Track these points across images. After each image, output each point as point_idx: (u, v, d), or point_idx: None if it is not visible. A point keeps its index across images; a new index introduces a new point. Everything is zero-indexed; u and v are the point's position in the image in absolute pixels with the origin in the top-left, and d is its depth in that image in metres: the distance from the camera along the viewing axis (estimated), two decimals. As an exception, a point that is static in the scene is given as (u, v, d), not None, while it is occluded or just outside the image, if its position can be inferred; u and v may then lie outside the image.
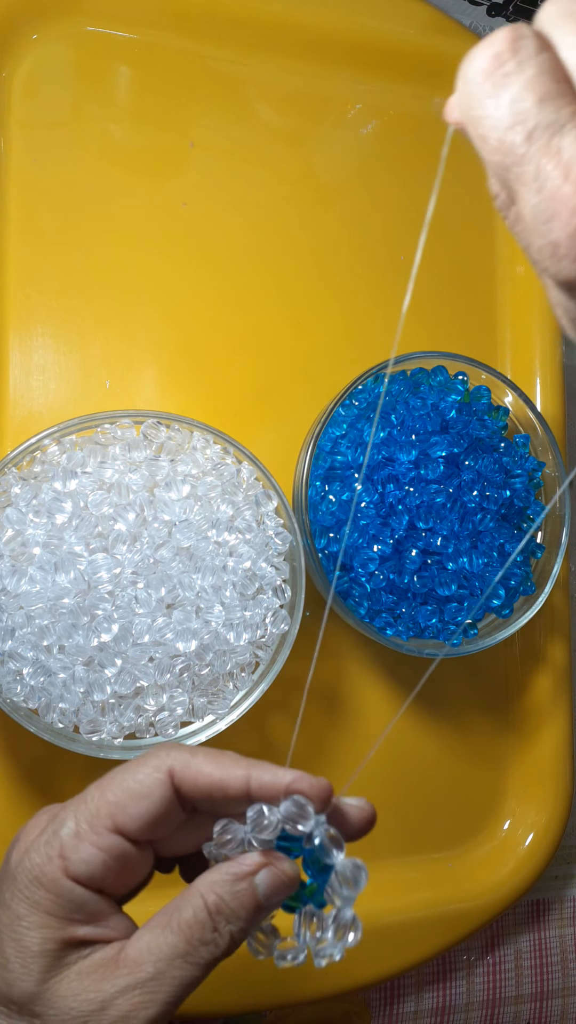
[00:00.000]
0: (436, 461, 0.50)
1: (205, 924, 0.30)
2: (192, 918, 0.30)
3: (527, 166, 0.22)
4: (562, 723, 0.60)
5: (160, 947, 0.30)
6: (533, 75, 0.23)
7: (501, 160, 0.23)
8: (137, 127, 0.55)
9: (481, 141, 0.24)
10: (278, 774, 0.32)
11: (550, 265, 0.23)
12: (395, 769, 0.57)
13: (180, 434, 0.48)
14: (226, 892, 0.31)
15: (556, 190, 0.22)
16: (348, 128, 0.59)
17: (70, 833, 0.30)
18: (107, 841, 0.30)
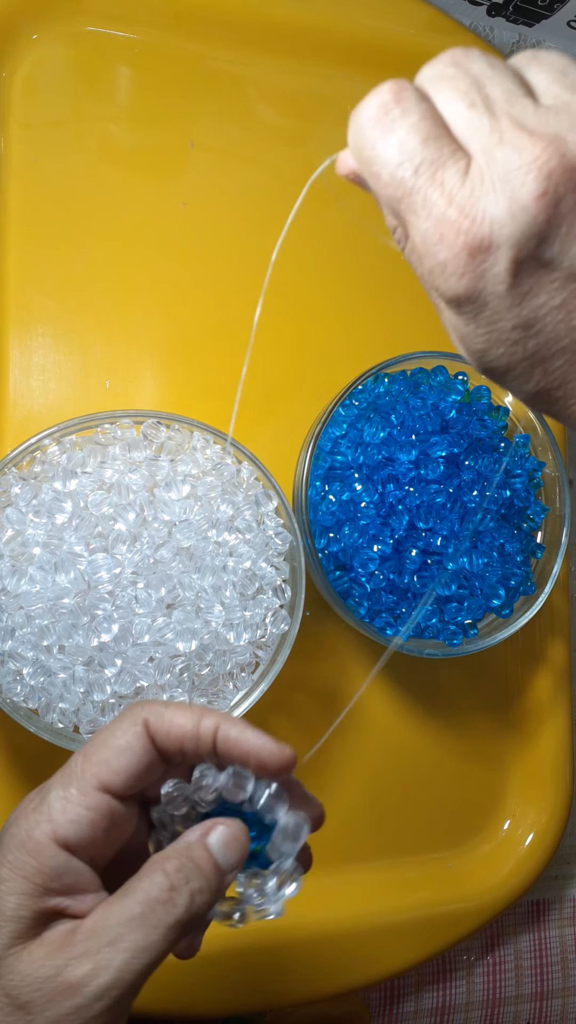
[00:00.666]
0: (436, 461, 0.50)
1: (161, 884, 0.30)
2: (149, 882, 0.30)
3: (416, 196, 0.26)
4: (562, 723, 0.60)
5: (116, 913, 0.30)
6: (416, 120, 0.27)
7: (393, 193, 0.26)
8: (137, 127, 0.55)
9: (374, 179, 0.27)
10: (245, 732, 0.32)
11: (440, 283, 0.27)
12: (395, 769, 0.57)
13: (180, 434, 0.48)
14: (182, 855, 0.31)
15: (442, 215, 0.25)
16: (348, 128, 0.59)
17: (57, 795, 0.31)
18: (94, 800, 0.31)
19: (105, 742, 0.32)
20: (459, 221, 0.25)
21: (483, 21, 0.63)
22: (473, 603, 0.51)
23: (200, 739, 0.32)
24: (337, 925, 0.54)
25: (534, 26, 0.64)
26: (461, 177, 0.25)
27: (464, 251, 0.25)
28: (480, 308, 0.27)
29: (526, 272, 0.26)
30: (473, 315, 0.27)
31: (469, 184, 0.25)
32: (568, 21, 0.63)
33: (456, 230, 0.25)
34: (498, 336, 0.27)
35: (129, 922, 0.29)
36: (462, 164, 0.26)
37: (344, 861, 0.55)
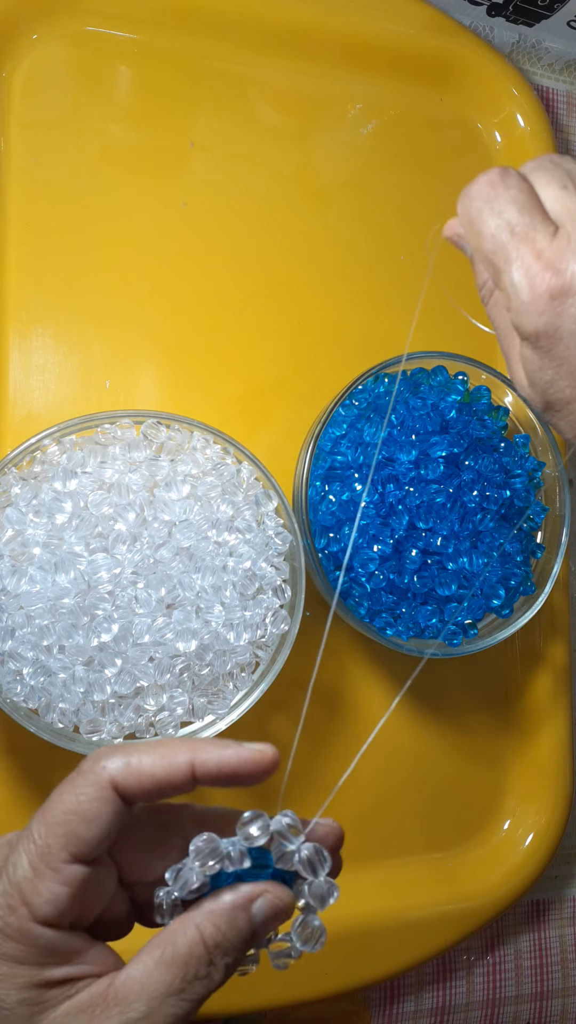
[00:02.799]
0: (436, 461, 0.50)
1: (201, 959, 0.29)
2: (187, 953, 0.29)
3: (511, 251, 0.33)
4: (562, 723, 0.60)
5: (152, 983, 0.29)
6: (516, 194, 0.33)
7: (492, 248, 0.33)
8: (137, 127, 0.55)
9: (477, 237, 0.34)
10: (222, 753, 0.30)
11: (523, 320, 0.33)
12: (395, 769, 0.57)
13: (180, 434, 0.48)
14: (223, 922, 0.30)
15: (530, 265, 0.32)
16: (348, 128, 0.59)
17: (26, 876, 0.28)
18: (67, 874, 0.28)
19: (69, 809, 0.29)
20: (544, 271, 0.32)
21: (483, 21, 0.63)
22: (473, 603, 0.51)
23: (175, 781, 0.30)
24: (337, 925, 0.54)
25: (534, 26, 0.64)
26: (550, 239, 0.32)
27: (547, 293, 0.32)
28: (554, 344, 0.33)
29: None
30: (547, 350, 0.33)
31: (556, 244, 0.32)
32: (568, 21, 0.63)
33: (542, 278, 0.32)
34: (566, 369, 0.33)
35: (167, 996, 0.29)
36: (551, 230, 0.32)
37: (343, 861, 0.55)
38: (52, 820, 0.29)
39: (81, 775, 0.30)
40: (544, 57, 0.66)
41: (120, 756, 0.30)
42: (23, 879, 0.28)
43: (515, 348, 0.35)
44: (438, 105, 0.61)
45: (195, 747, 0.30)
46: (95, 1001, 0.29)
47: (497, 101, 0.62)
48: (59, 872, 0.28)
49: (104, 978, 0.29)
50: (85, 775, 0.30)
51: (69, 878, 0.28)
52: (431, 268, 0.44)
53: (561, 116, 0.67)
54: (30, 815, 0.48)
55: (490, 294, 0.36)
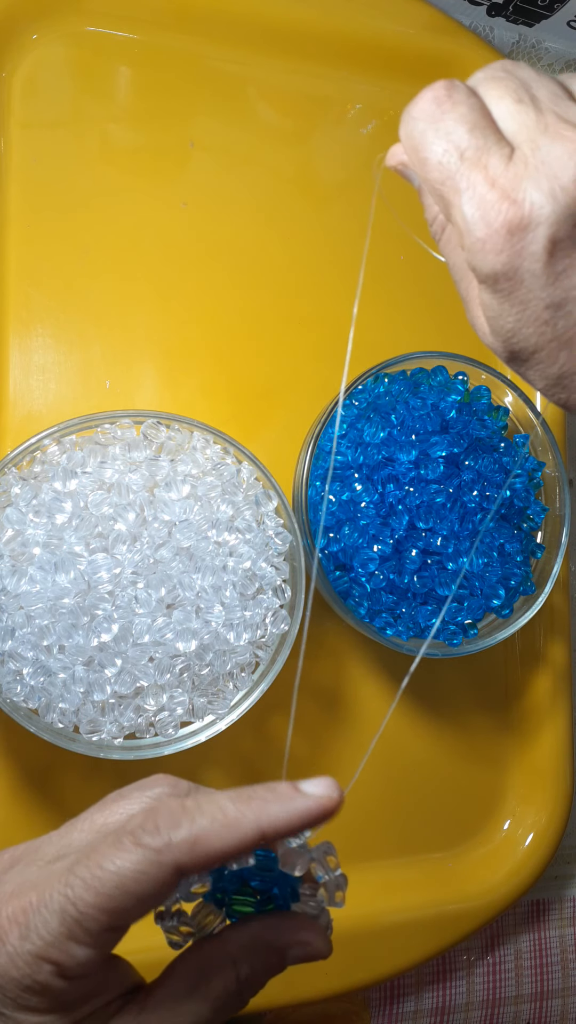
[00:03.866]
0: (436, 461, 0.50)
1: (233, 994, 0.29)
2: (222, 989, 0.29)
3: (460, 179, 0.28)
4: (562, 723, 0.60)
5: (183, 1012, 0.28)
6: (465, 111, 0.29)
7: (439, 177, 0.29)
8: (137, 127, 0.55)
9: (422, 165, 0.29)
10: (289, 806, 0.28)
11: (478, 261, 0.28)
12: (395, 769, 0.57)
13: (180, 434, 0.48)
14: (259, 962, 0.29)
15: (484, 196, 0.27)
16: (348, 128, 0.59)
17: (60, 937, 0.26)
18: (102, 940, 0.27)
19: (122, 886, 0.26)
20: (500, 202, 0.27)
21: (483, 21, 0.63)
22: (473, 603, 0.51)
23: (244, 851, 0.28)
24: (337, 925, 0.53)
25: (534, 26, 0.64)
26: (505, 163, 0.28)
27: (503, 228, 0.27)
28: (515, 286, 0.28)
29: (562, 252, 0.28)
30: (508, 293, 0.29)
31: (512, 169, 0.27)
32: (568, 21, 0.63)
33: (497, 210, 0.27)
34: (529, 315, 0.29)
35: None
36: (506, 151, 0.28)
37: (343, 861, 0.55)
38: (100, 890, 0.26)
39: (139, 850, 0.26)
40: (544, 57, 0.66)
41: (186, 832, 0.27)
42: (56, 940, 0.26)
43: (472, 292, 0.31)
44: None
45: (259, 809, 0.28)
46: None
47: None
48: (94, 938, 0.26)
49: (132, 1005, 0.29)
50: (144, 853, 0.26)
51: (104, 943, 0.27)
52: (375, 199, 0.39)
53: (561, 116, 0.67)
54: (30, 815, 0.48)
55: (442, 229, 0.32)
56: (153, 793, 0.29)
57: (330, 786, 0.29)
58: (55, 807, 0.50)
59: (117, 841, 0.27)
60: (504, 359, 0.31)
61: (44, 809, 0.50)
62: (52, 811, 0.50)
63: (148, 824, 0.27)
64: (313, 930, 0.30)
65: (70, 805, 0.50)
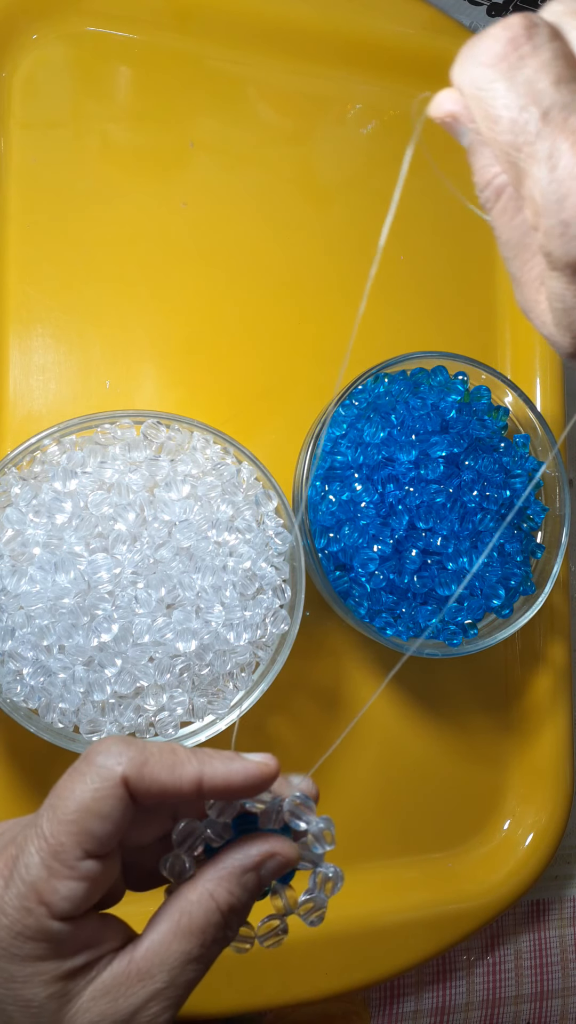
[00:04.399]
0: (436, 461, 0.50)
1: (218, 925, 0.30)
2: (204, 921, 0.29)
3: (541, 145, 0.23)
4: (562, 723, 0.60)
5: (172, 954, 0.29)
6: (549, 58, 0.23)
7: (512, 140, 0.23)
8: (137, 127, 0.55)
9: (490, 123, 0.24)
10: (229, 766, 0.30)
11: (558, 246, 0.24)
12: (395, 769, 0.57)
13: (180, 434, 0.48)
14: (236, 887, 0.30)
15: (571, 168, 0.22)
16: (348, 128, 0.59)
17: (40, 876, 0.28)
18: (82, 870, 0.28)
19: (82, 806, 0.28)
20: None
21: (483, 21, 0.63)
22: (473, 603, 0.51)
23: (182, 793, 0.30)
24: (337, 925, 0.54)
25: (534, 26, 0.63)
26: None
27: None
28: None
29: None
30: None
31: None
32: (568, 21, 0.63)
33: None
34: None
35: (187, 964, 0.29)
36: None
37: (343, 861, 0.55)
38: (64, 817, 0.28)
39: (92, 770, 0.29)
40: (544, 57, 0.66)
41: (131, 754, 0.29)
42: (38, 879, 0.28)
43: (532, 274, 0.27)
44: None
45: (203, 760, 0.30)
46: (118, 980, 0.29)
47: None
48: (74, 869, 0.28)
49: (122, 955, 0.29)
50: (97, 770, 0.29)
51: (84, 874, 0.28)
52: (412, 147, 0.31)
53: (561, 116, 0.67)
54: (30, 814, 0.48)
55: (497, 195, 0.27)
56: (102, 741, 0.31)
57: (269, 757, 0.31)
58: (55, 807, 0.50)
59: (72, 772, 0.29)
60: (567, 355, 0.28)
61: (44, 809, 0.50)
62: (52, 811, 0.50)
63: (100, 746, 0.29)
64: (279, 840, 0.31)
65: (70, 805, 0.50)
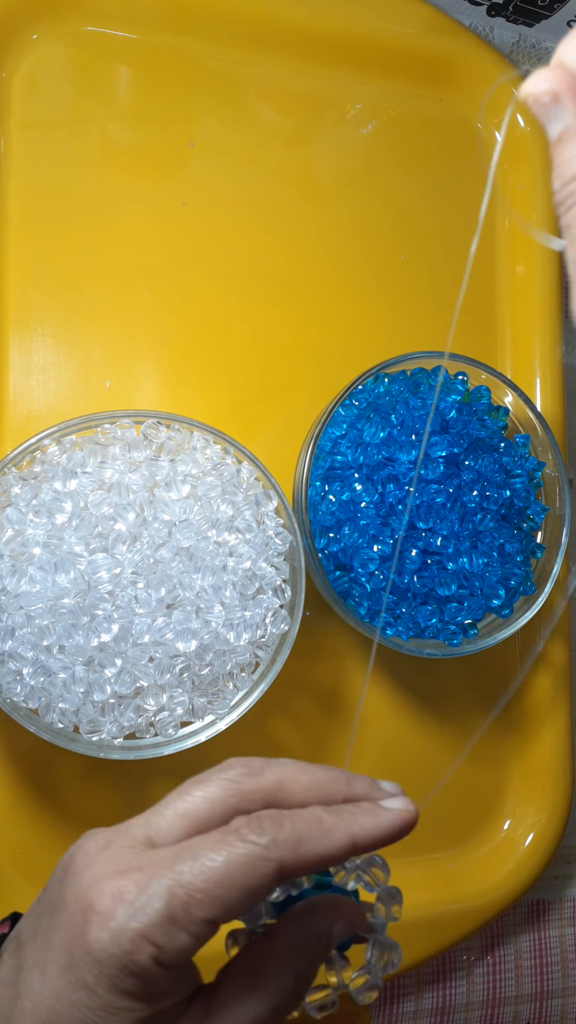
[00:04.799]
0: (436, 461, 0.50)
1: (292, 991, 0.30)
2: (281, 987, 0.29)
3: None
4: (562, 723, 0.60)
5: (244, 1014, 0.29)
6: None
7: None
8: (137, 127, 0.55)
9: None
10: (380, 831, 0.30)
11: None
12: (395, 769, 0.57)
13: (180, 434, 0.48)
14: (312, 953, 0.30)
15: None
16: (348, 128, 0.59)
17: (164, 917, 0.27)
18: (202, 930, 0.27)
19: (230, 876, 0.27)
20: None
21: (483, 21, 0.63)
22: (473, 603, 0.51)
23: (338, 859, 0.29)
24: (337, 925, 0.54)
25: (534, 26, 0.64)
26: None
27: None
28: None
29: None
30: None
31: None
32: (568, 21, 0.63)
33: None
34: None
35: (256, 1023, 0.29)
36: None
37: (344, 861, 0.55)
38: (210, 875, 0.27)
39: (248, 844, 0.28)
40: (544, 57, 0.66)
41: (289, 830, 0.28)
42: (161, 920, 0.27)
43: None
44: (438, 105, 0.61)
45: (351, 820, 0.30)
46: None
47: (497, 101, 0.62)
48: (196, 927, 0.27)
49: (197, 1006, 0.29)
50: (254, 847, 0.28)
51: (202, 934, 0.28)
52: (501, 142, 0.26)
53: (561, 116, 0.67)
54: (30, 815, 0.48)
55: None
56: (230, 775, 0.30)
57: (407, 801, 0.31)
58: (55, 807, 0.50)
59: (223, 838, 0.28)
60: None
61: (44, 809, 0.50)
62: (52, 811, 0.50)
63: (253, 824, 0.28)
64: (350, 904, 0.32)
65: (70, 805, 0.50)
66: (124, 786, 0.51)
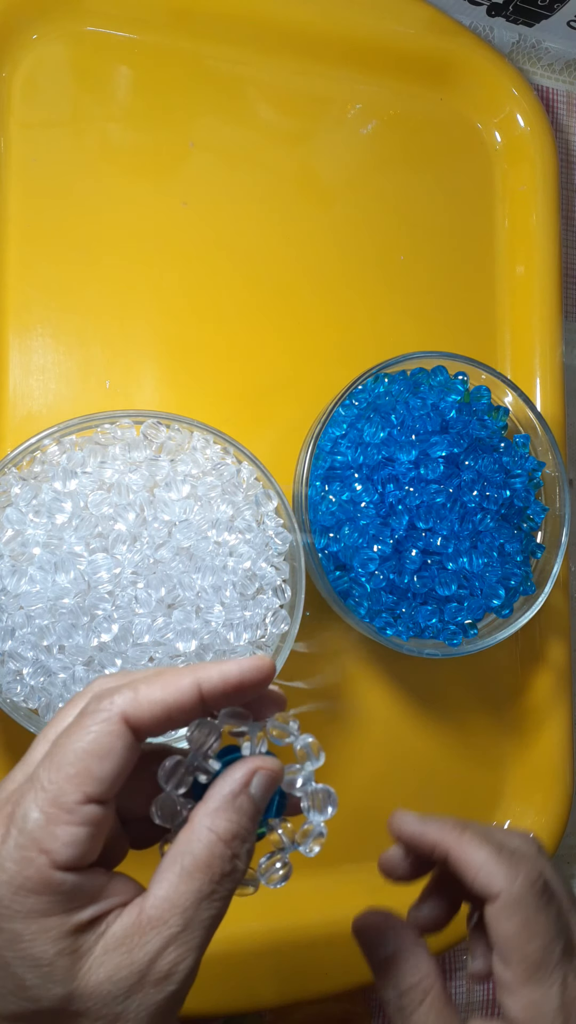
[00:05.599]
0: (436, 461, 0.50)
1: (224, 856, 0.29)
2: (208, 855, 0.29)
3: None
4: (562, 723, 0.60)
5: (182, 896, 0.28)
6: None
7: None
8: (137, 127, 0.55)
9: None
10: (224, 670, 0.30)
11: None
12: (395, 769, 0.57)
13: (180, 434, 0.48)
14: (231, 812, 0.29)
15: None
16: (348, 128, 0.59)
17: (39, 823, 0.27)
18: (83, 814, 0.27)
19: (80, 747, 0.28)
20: None
21: (483, 21, 0.63)
22: (473, 603, 0.51)
23: (185, 705, 0.29)
24: (337, 926, 0.54)
25: (534, 26, 0.64)
26: None
27: None
28: None
29: None
30: None
31: None
32: (568, 21, 0.63)
33: None
34: None
35: (199, 903, 0.28)
36: None
37: (344, 861, 0.55)
38: (63, 762, 0.28)
39: (86, 710, 0.28)
40: (544, 57, 0.66)
41: (126, 689, 0.29)
42: (36, 827, 0.27)
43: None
44: (438, 105, 0.61)
45: (196, 668, 0.30)
46: (130, 931, 0.28)
47: (497, 101, 0.62)
48: (75, 814, 0.27)
49: (131, 906, 0.28)
50: (93, 714, 0.28)
51: (86, 818, 0.27)
52: None
53: (561, 116, 0.67)
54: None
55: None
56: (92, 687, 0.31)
57: (262, 656, 0.31)
58: (55, 807, 0.50)
59: (74, 724, 0.29)
60: None
61: (44, 809, 0.50)
62: (52, 811, 0.50)
63: (91, 690, 0.29)
64: (259, 757, 0.31)
65: (70, 805, 0.50)
66: (124, 786, 0.51)
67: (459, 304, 0.61)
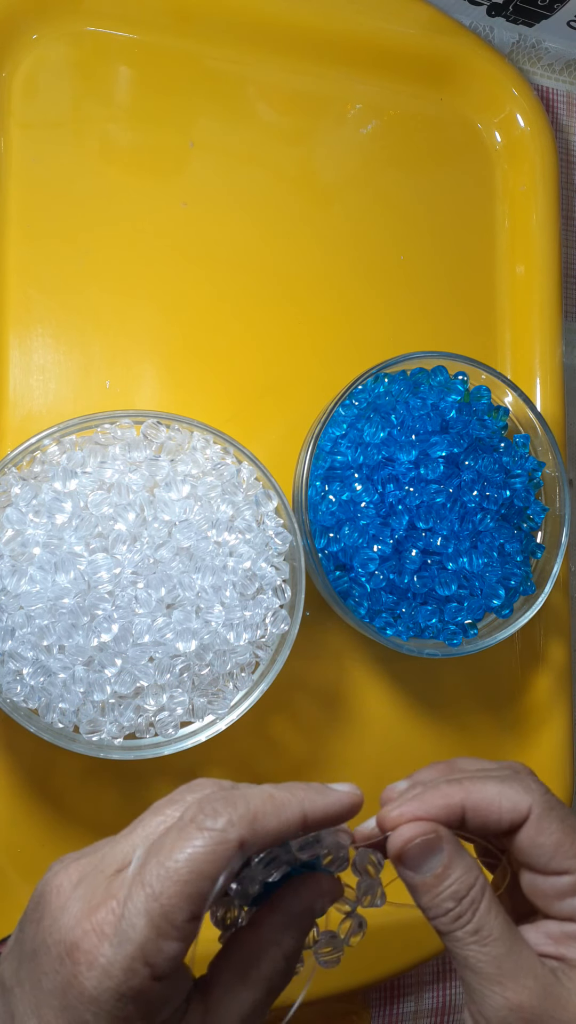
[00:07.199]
0: (436, 461, 0.50)
1: (283, 972, 0.31)
2: (272, 969, 0.30)
3: None
4: (562, 723, 0.60)
5: (243, 1002, 0.30)
6: None
7: None
8: (137, 127, 0.55)
9: None
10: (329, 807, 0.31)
11: None
12: (395, 769, 0.57)
13: (180, 434, 0.48)
14: (297, 931, 0.31)
15: None
16: (348, 128, 0.59)
17: (149, 937, 0.27)
18: (187, 931, 0.28)
19: (195, 867, 0.27)
20: None
21: (483, 21, 0.63)
22: (473, 603, 0.51)
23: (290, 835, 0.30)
24: (337, 925, 0.54)
25: (534, 26, 0.64)
26: None
27: None
28: None
29: None
30: None
31: None
32: (568, 21, 0.63)
33: None
34: None
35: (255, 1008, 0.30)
36: None
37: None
38: (178, 878, 0.27)
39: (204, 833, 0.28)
40: (544, 57, 0.66)
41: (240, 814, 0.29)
42: (146, 941, 0.27)
43: None
44: (438, 105, 0.61)
45: (302, 796, 0.31)
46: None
47: (497, 101, 0.62)
48: (181, 931, 0.27)
49: (194, 1008, 0.30)
50: (212, 833, 0.28)
51: (189, 935, 0.28)
52: None
53: (561, 116, 0.67)
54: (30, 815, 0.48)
55: None
56: (199, 794, 0.31)
57: (354, 786, 0.33)
58: (55, 807, 0.50)
59: (181, 832, 0.28)
60: None
61: (44, 809, 0.50)
62: (52, 811, 0.50)
63: (206, 809, 0.29)
64: (328, 879, 0.33)
65: (70, 805, 0.50)
66: (124, 786, 0.51)
67: (459, 304, 0.61)
